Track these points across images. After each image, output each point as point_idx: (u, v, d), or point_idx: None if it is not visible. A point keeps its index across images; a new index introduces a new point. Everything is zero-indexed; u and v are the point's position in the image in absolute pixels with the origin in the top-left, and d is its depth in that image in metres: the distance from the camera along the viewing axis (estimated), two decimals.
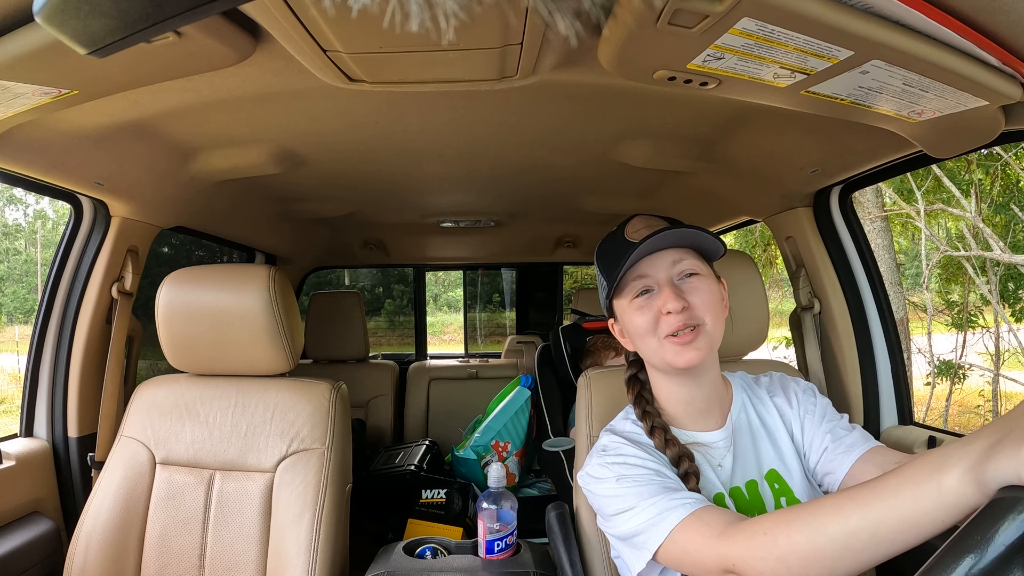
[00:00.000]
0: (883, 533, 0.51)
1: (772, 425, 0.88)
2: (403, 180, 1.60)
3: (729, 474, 0.84)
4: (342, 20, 0.65)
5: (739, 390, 0.91)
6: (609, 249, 0.86)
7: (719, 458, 0.85)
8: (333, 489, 1.12)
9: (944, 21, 0.57)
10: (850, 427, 0.85)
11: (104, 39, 0.32)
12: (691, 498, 0.72)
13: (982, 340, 5.26)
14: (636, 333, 0.84)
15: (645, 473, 0.77)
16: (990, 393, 5.18)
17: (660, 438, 0.83)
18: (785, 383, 0.93)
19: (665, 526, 0.70)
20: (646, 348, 0.84)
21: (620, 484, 0.77)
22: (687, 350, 0.79)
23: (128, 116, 1.02)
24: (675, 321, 0.79)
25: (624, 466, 0.79)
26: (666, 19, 0.57)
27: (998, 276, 4.90)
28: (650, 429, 0.84)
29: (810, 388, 0.92)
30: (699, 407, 0.87)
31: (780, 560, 0.58)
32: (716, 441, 0.86)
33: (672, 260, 0.81)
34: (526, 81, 0.86)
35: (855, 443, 0.81)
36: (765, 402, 0.90)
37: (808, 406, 0.88)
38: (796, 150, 1.18)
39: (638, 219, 0.85)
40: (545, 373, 2.15)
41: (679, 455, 0.81)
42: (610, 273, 0.83)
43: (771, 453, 0.86)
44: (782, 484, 0.84)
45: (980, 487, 0.45)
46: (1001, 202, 4.84)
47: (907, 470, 0.51)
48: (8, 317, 9.76)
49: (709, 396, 0.87)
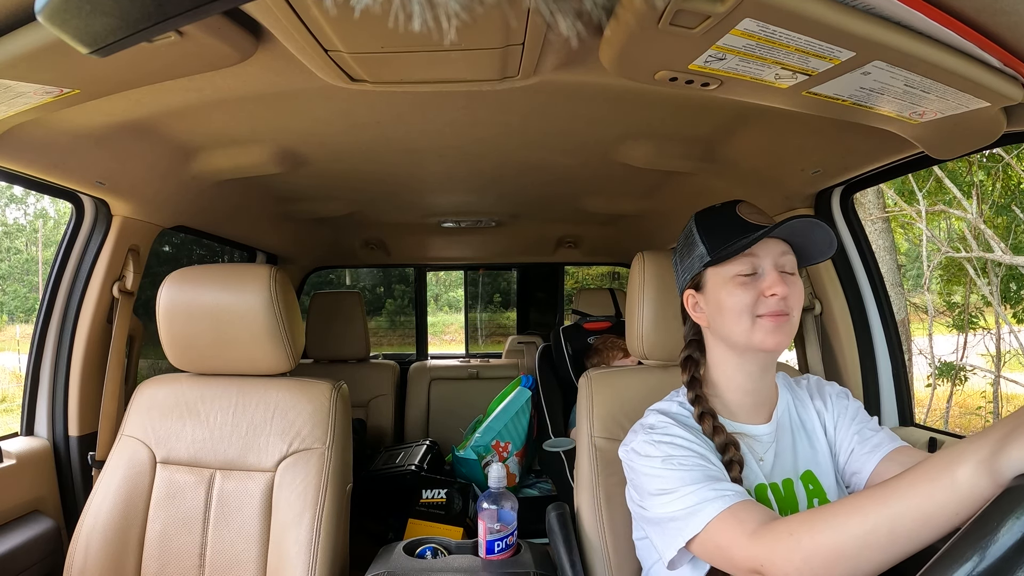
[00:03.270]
0: (900, 530, 0.52)
1: (811, 426, 0.90)
2: (404, 180, 1.60)
3: (770, 469, 0.85)
4: (344, 20, 0.65)
5: (784, 389, 0.93)
6: (719, 222, 0.87)
7: (762, 452, 0.86)
8: (333, 489, 1.12)
9: (945, 22, 0.57)
10: (877, 428, 0.86)
11: (105, 38, 0.32)
12: (731, 490, 0.72)
13: (983, 342, 5.25)
14: (731, 309, 0.83)
15: (691, 457, 0.77)
16: (991, 395, 5.18)
17: (709, 424, 0.83)
18: (821, 386, 0.94)
19: (703, 517, 0.71)
20: (736, 326, 0.83)
21: (665, 464, 0.77)
22: (778, 332, 0.80)
23: (129, 115, 1.02)
24: (776, 303, 0.80)
25: (672, 446, 0.79)
26: (667, 20, 0.57)
27: (999, 277, 4.89)
28: (700, 414, 0.85)
29: (844, 392, 0.94)
30: (755, 399, 0.88)
31: (805, 561, 0.59)
32: (762, 435, 0.87)
33: (781, 251, 0.83)
34: (528, 81, 0.86)
35: (880, 443, 0.82)
36: (806, 403, 0.92)
37: (841, 408, 0.90)
38: (797, 151, 1.18)
39: (746, 204, 0.87)
40: (546, 373, 2.15)
41: (726, 443, 0.81)
42: (716, 244, 0.84)
43: (808, 453, 0.87)
44: (816, 485, 0.85)
45: (993, 478, 0.46)
46: (1002, 203, 4.84)
47: (921, 467, 0.52)
48: (9, 316, 9.77)
49: (764, 390, 0.88)
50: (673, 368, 1.15)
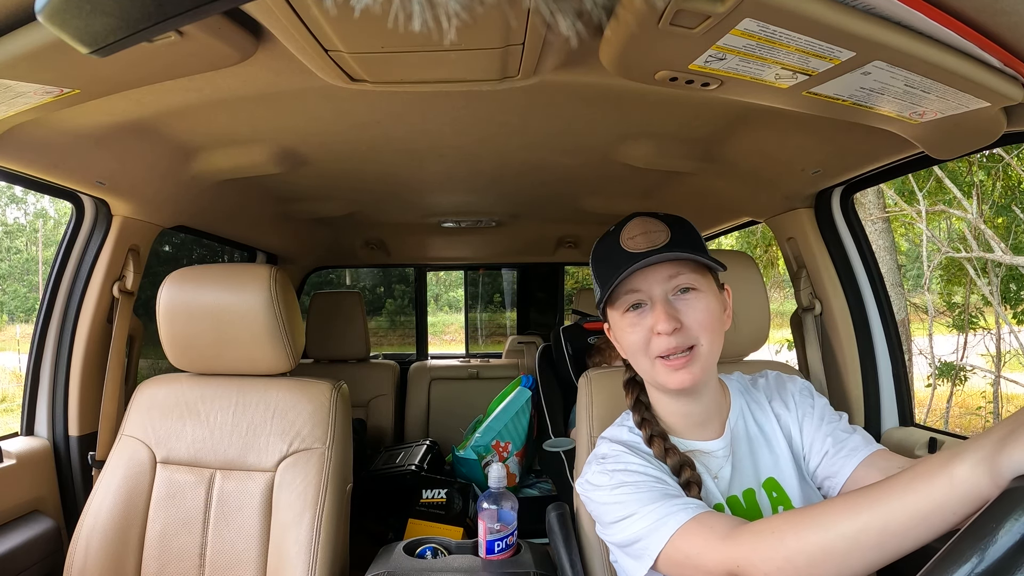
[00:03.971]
0: (893, 528, 0.51)
1: (770, 432, 0.86)
2: (405, 180, 1.60)
3: (727, 484, 0.82)
4: (344, 20, 0.65)
5: (737, 395, 0.89)
6: (603, 255, 0.83)
7: (716, 468, 0.83)
8: (333, 489, 1.12)
9: (946, 22, 0.57)
10: (851, 429, 0.83)
11: (106, 38, 0.32)
12: (692, 503, 0.71)
13: (983, 342, 5.25)
14: (628, 349, 0.82)
15: (646, 480, 0.75)
16: (991, 395, 5.18)
17: (660, 447, 0.81)
18: (781, 383, 0.91)
19: (666, 531, 0.69)
20: (638, 366, 0.82)
21: (620, 491, 0.75)
22: (679, 373, 0.77)
23: (129, 115, 1.02)
24: (667, 343, 0.76)
25: (624, 472, 0.77)
26: (668, 20, 0.57)
27: (999, 277, 4.89)
28: (649, 437, 0.82)
29: (807, 387, 0.90)
30: (697, 420, 0.85)
31: (787, 559, 0.57)
32: (715, 450, 0.84)
33: (668, 274, 0.77)
34: (528, 81, 0.86)
35: (857, 447, 0.79)
36: (763, 407, 0.88)
37: (806, 408, 0.86)
38: (797, 151, 1.18)
39: (636, 223, 0.81)
40: (546, 373, 2.15)
41: (680, 464, 0.79)
42: (603, 281, 0.81)
43: (769, 461, 0.85)
44: (780, 492, 0.82)
45: (993, 478, 0.45)
46: (1002, 203, 4.84)
47: (919, 466, 0.51)
48: (9, 316, 9.77)
49: (707, 408, 0.85)
50: None
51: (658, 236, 0.79)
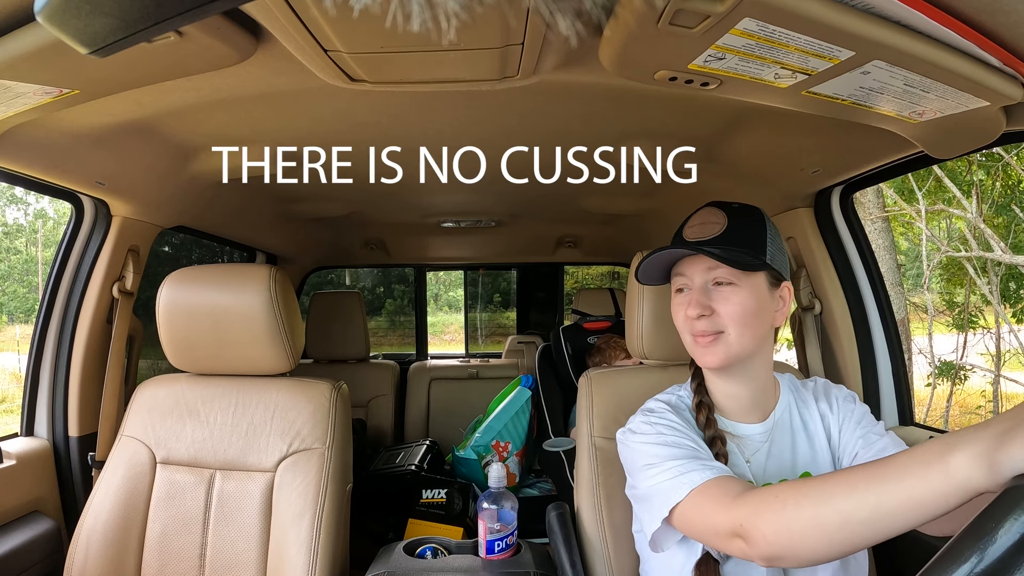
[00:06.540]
0: (884, 508, 0.52)
1: (813, 428, 0.90)
2: (404, 180, 1.60)
3: (762, 469, 0.86)
4: (343, 20, 0.65)
5: (786, 391, 0.93)
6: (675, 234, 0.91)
7: (750, 453, 0.87)
8: (333, 489, 1.12)
9: (945, 22, 0.57)
10: (883, 433, 0.86)
11: (105, 39, 0.32)
12: (716, 465, 0.75)
13: (983, 341, 5.25)
14: (677, 325, 0.89)
15: (681, 438, 0.81)
16: (991, 394, 5.18)
17: (704, 414, 0.87)
18: (828, 389, 0.95)
19: (687, 485, 0.73)
20: (684, 341, 0.89)
21: (655, 440, 0.81)
22: (706, 352, 0.84)
23: (129, 116, 1.02)
24: (696, 325, 0.84)
25: (665, 426, 0.83)
26: (667, 19, 0.57)
27: (999, 277, 4.89)
28: (699, 403, 0.89)
29: (851, 395, 0.94)
30: (743, 404, 0.89)
31: (785, 526, 0.59)
32: (753, 435, 0.88)
33: (707, 266, 0.84)
34: (527, 81, 0.86)
35: (884, 448, 0.82)
36: (810, 405, 0.92)
37: (847, 412, 0.90)
38: (797, 150, 1.18)
39: (701, 212, 0.88)
40: (546, 373, 2.15)
41: (714, 437, 0.84)
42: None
43: (807, 455, 0.88)
44: None
45: (991, 473, 0.45)
46: (1002, 203, 4.84)
47: (917, 451, 0.52)
48: (9, 316, 9.76)
49: (754, 394, 0.89)
50: (673, 368, 1.15)
51: (711, 228, 0.85)
